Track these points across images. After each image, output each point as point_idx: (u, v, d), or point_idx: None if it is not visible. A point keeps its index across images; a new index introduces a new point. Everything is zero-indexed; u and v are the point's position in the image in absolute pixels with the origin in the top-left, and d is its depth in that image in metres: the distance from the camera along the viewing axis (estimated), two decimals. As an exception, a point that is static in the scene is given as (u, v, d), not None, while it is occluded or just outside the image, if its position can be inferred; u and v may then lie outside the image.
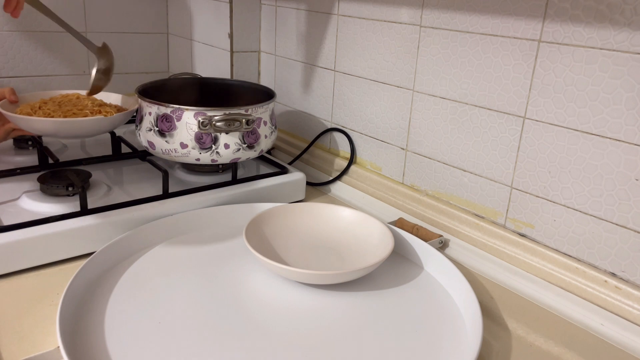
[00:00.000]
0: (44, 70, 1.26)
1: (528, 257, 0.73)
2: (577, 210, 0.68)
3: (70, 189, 0.79)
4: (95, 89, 0.89)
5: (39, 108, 0.86)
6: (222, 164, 0.91)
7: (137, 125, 0.87)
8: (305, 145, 1.08)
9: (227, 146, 0.83)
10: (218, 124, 0.80)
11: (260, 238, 0.71)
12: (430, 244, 0.74)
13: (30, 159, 0.95)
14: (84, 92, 0.94)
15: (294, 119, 1.15)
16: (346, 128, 1.01)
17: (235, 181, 0.88)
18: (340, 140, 1.03)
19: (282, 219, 0.77)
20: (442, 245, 0.80)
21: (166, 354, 0.53)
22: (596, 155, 0.65)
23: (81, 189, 0.74)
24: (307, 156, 1.09)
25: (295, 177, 0.93)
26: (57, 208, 0.76)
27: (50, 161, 0.88)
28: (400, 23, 0.86)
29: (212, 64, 1.26)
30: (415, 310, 0.63)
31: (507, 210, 0.76)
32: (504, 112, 0.74)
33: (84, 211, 0.74)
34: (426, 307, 0.64)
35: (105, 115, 0.85)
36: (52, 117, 0.82)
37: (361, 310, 0.63)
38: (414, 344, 0.58)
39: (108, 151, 0.98)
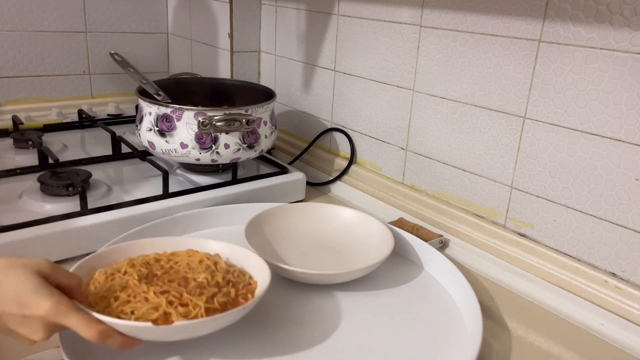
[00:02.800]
0: (44, 70, 1.26)
1: (528, 257, 0.73)
2: (577, 210, 0.68)
3: (70, 189, 0.79)
4: None
5: (125, 273, 0.55)
6: (222, 164, 0.91)
7: (137, 125, 0.87)
8: (305, 145, 1.08)
9: (227, 146, 0.83)
10: (218, 124, 0.80)
11: (260, 238, 0.71)
12: (430, 244, 0.74)
13: (30, 158, 0.95)
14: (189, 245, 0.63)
15: (294, 119, 1.15)
16: (346, 128, 1.01)
17: (235, 181, 0.88)
18: (340, 140, 1.03)
19: (282, 219, 0.77)
20: (442, 245, 0.80)
21: (166, 353, 0.53)
22: (596, 155, 0.65)
23: (81, 189, 0.74)
24: (307, 156, 1.09)
25: (295, 177, 0.93)
26: (57, 208, 0.76)
27: (50, 161, 0.88)
28: (400, 23, 0.86)
29: (212, 64, 1.26)
30: (415, 310, 0.63)
31: (507, 210, 0.76)
32: (504, 112, 0.74)
33: (84, 211, 0.73)
34: (426, 307, 0.64)
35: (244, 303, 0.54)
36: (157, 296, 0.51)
37: (361, 310, 0.63)
38: (414, 344, 0.58)
39: (108, 151, 0.98)
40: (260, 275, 0.58)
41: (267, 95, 0.92)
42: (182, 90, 0.99)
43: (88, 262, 0.57)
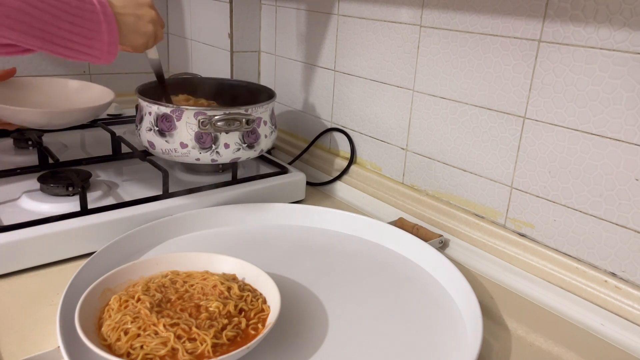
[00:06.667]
0: (44, 70, 1.26)
1: (528, 257, 0.73)
2: (577, 210, 0.68)
3: (70, 189, 0.79)
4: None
5: (138, 300, 0.56)
6: (222, 164, 0.91)
7: (137, 125, 0.87)
8: (305, 145, 1.08)
9: (227, 146, 0.83)
10: (218, 123, 0.80)
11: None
12: (430, 244, 0.74)
13: (30, 159, 0.95)
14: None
15: (294, 119, 1.15)
16: (346, 128, 1.01)
17: (235, 181, 0.88)
18: (340, 140, 1.03)
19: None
20: (442, 245, 0.80)
21: (166, 354, 0.53)
22: (596, 155, 0.65)
23: (81, 189, 0.74)
24: (307, 156, 1.09)
25: (295, 177, 0.93)
26: (57, 208, 0.76)
27: (50, 161, 0.88)
28: (400, 23, 0.86)
29: (212, 64, 1.26)
30: (416, 310, 0.63)
31: (507, 210, 0.76)
32: (504, 112, 0.74)
33: (84, 211, 0.73)
34: (426, 307, 0.64)
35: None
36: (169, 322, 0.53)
37: (361, 310, 0.63)
38: (414, 344, 0.58)
39: (108, 151, 0.98)
40: (273, 299, 0.58)
41: (267, 95, 0.92)
42: (182, 90, 0.99)
43: (103, 283, 0.58)
